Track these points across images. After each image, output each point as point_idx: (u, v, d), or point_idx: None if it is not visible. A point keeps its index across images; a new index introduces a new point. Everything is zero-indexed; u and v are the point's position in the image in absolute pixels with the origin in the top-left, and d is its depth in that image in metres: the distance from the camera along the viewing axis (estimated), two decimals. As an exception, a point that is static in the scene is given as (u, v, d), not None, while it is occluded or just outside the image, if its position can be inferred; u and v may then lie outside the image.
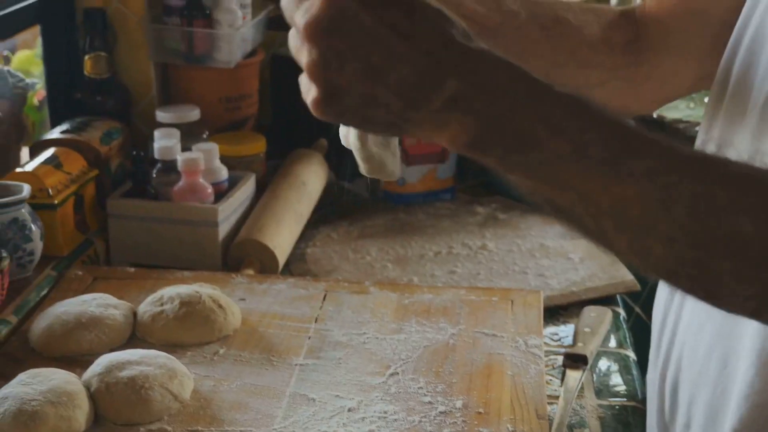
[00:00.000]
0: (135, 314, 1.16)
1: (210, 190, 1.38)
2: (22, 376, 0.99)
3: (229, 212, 1.38)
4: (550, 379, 1.12)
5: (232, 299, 1.19)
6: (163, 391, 0.99)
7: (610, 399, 1.10)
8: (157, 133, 1.43)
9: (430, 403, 1.01)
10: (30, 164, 1.34)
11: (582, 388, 1.11)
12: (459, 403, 1.01)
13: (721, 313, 0.86)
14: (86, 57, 1.51)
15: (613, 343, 1.22)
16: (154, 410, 0.98)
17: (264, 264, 1.34)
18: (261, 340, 1.13)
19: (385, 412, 0.99)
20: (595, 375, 1.15)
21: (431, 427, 0.97)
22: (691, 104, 2.01)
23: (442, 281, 1.35)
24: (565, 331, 1.23)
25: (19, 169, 1.32)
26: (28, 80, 1.51)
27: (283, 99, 1.71)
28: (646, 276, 0.70)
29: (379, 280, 1.32)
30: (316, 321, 1.17)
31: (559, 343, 1.21)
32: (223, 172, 1.43)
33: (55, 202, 1.30)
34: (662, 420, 0.97)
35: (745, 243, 0.64)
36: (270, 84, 1.73)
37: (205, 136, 1.51)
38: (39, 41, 1.59)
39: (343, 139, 0.82)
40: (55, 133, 1.43)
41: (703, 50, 0.98)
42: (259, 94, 1.67)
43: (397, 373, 1.06)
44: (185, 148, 1.42)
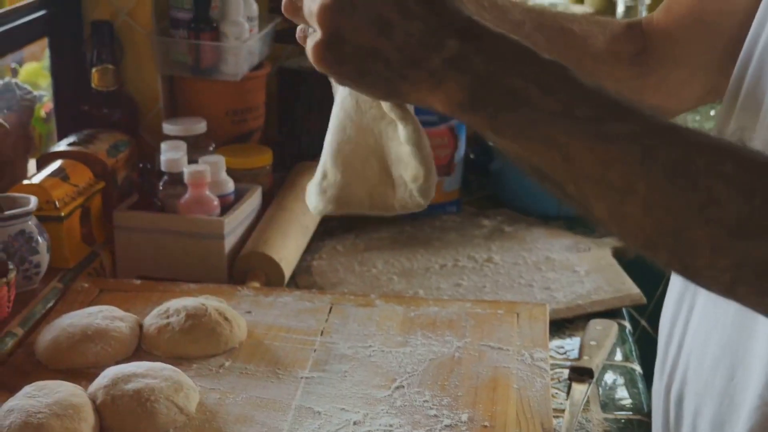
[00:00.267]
0: (141, 326, 1.16)
1: (216, 202, 1.38)
2: (27, 389, 0.99)
3: (235, 225, 1.38)
4: (556, 393, 1.11)
5: (238, 312, 1.19)
6: (169, 404, 0.99)
7: (616, 412, 1.10)
8: (163, 146, 1.43)
9: (436, 416, 1.01)
10: (37, 176, 1.34)
11: (588, 402, 1.10)
12: (464, 417, 1.00)
13: (727, 326, 0.86)
14: (93, 69, 1.51)
15: (618, 357, 1.22)
16: (160, 423, 0.98)
17: (270, 276, 1.34)
18: (267, 353, 1.13)
19: (391, 426, 0.99)
20: (600, 388, 1.15)
21: (437, 440, 0.97)
22: (697, 117, 2.01)
23: (448, 294, 1.35)
24: (571, 345, 1.23)
25: (26, 181, 1.32)
26: (36, 92, 1.52)
27: (290, 111, 1.72)
28: (626, 245, 0.71)
29: (384, 293, 1.32)
30: (321, 334, 1.17)
31: (564, 357, 1.20)
32: (230, 185, 1.43)
33: (62, 214, 1.31)
34: (667, 432, 0.97)
35: (720, 210, 0.64)
36: (276, 97, 1.73)
37: (211, 149, 1.51)
38: (46, 53, 1.60)
39: None
40: (62, 146, 1.44)
41: (711, 63, 0.98)
42: (265, 106, 1.68)
43: (403, 386, 1.06)
44: (192, 161, 1.42)
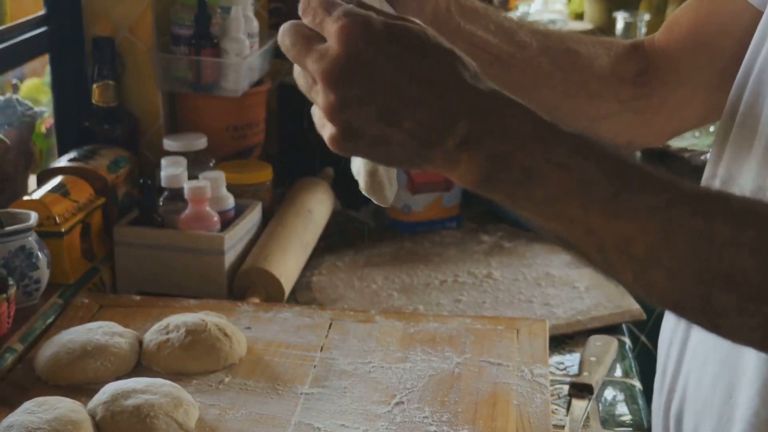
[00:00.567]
0: (141, 342, 1.16)
1: (216, 218, 1.38)
2: (27, 405, 0.99)
3: (235, 240, 1.38)
4: (556, 409, 1.11)
5: (238, 328, 1.19)
6: (169, 420, 0.99)
7: (616, 429, 1.10)
8: (164, 161, 1.43)
9: (436, 432, 1.01)
10: (37, 192, 1.34)
11: (588, 418, 1.10)
12: (464, 433, 1.00)
13: (726, 343, 0.86)
14: (94, 85, 1.52)
15: (618, 373, 1.22)
16: (159, 439, 0.98)
17: (270, 292, 1.34)
18: (266, 369, 1.13)
19: (391, 442, 0.99)
20: (600, 404, 1.15)
21: (436, 456, 0.97)
22: (696, 133, 2.01)
23: (448, 310, 1.35)
24: (571, 360, 1.23)
25: (26, 197, 1.33)
26: (36, 108, 1.52)
27: (290, 127, 1.72)
28: (653, 306, 0.72)
29: (384, 309, 1.32)
30: (321, 350, 1.17)
31: (564, 372, 1.20)
32: (230, 201, 1.43)
33: (62, 230, 1.31)
34: (667, 449, 0.97)
35: (746, 277, 0.65)
36: (277, 112, 1.74)
37: (211, 165, 1.51)
38: (47, 69, 1.60)
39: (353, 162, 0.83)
40: (63, 161, 1.44)
41: (712, 83, 0.98)
42: (265, 122, 1.68)
43: (403, 402, 1.06)
44: (192, 177, 1.42)
